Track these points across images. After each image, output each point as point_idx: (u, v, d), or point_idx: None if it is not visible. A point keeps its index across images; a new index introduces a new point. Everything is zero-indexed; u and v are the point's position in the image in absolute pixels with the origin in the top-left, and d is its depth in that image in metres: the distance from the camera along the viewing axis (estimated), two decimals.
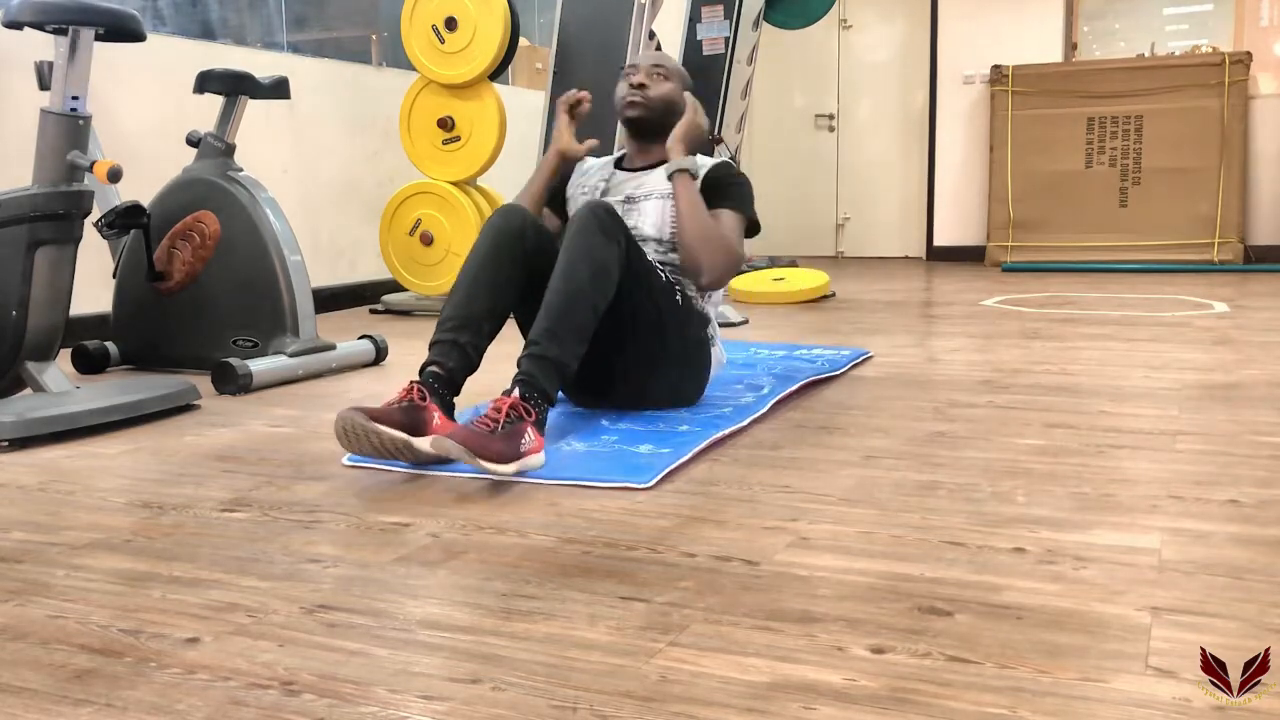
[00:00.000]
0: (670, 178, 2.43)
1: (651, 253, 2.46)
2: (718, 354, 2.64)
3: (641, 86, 2.51)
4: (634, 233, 2.44)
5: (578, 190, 2.64)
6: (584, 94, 2.62)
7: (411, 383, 2.09)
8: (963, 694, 1.09)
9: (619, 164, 2.66)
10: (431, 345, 2.18)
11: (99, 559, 1.56)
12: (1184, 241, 6.99)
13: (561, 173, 2.61)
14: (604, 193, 2.58)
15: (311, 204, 4.87)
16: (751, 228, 2.51)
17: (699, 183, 2.45)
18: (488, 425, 1.93)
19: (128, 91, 3.97)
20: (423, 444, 1.97)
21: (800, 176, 8.60)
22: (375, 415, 1.96)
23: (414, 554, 1.56)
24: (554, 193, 2.65)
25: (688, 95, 2.55)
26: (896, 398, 2.69)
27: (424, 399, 2.05)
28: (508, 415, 1.96)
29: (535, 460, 1.97)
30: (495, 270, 2.23)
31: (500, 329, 2.25)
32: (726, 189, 2.47)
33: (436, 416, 2.05)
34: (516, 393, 2.03)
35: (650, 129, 2.56)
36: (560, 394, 2.39)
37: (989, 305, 4.88)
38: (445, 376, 2.14)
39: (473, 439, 1.87)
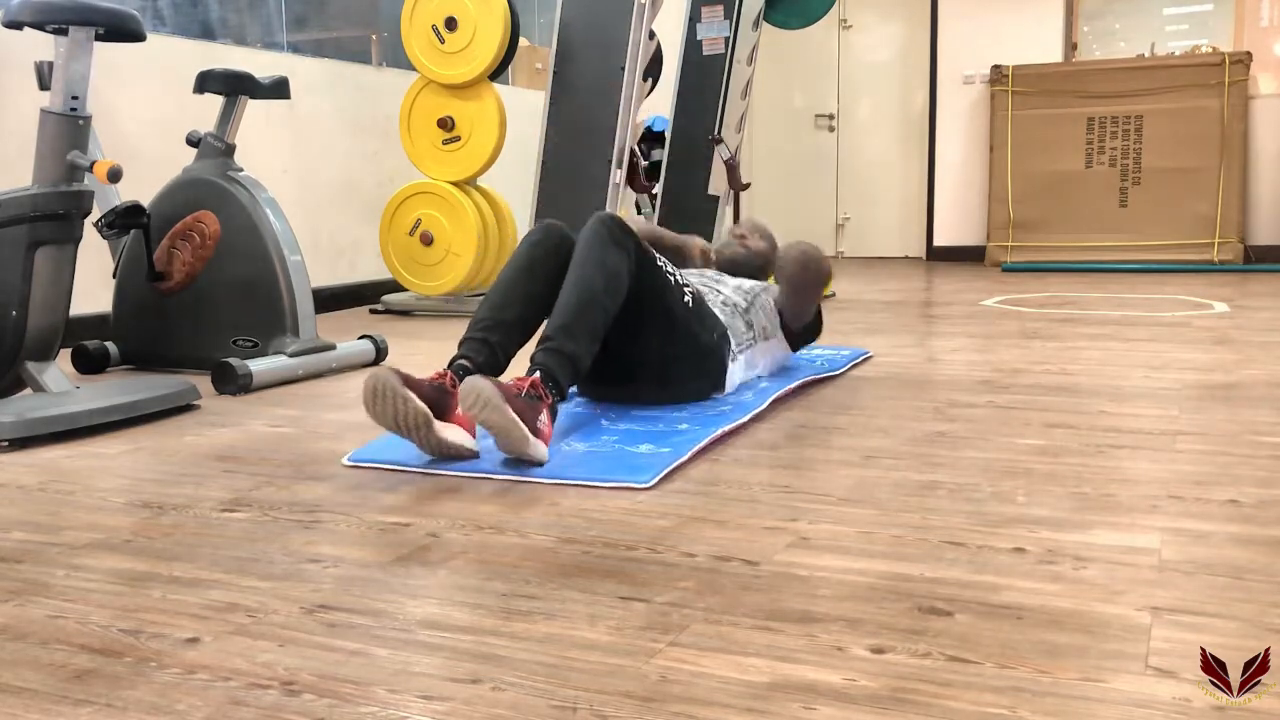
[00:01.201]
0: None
1: (719, 305, 2.64)
2: (734, 371, 2.63)
3: (742, 237, 3.04)
4: (713, 288, 2.72)
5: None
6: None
7: (445, 369, 2.14)
8: (963, 694, 1.09)
9: None
10: (462, 342, 2.24)
11: (99, 559, 1.56)
12: (1184, 241, 6.99)
13: (673, 247, 2.98)
14: (698, 270, 2.91)
15: (311, 204, 4.87)
16: (815, 327, 2.94)
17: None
18: (513, 390, 1.99)
19: (128, 91, 3.97)
20: (442, 429, 2.02)
21: (800, 176, 8.60)
22: (409, 382, 2.00)
23: (414, 554, 1.56)
24: (661, 249, 2.91)
25: (800, 250, 2.75)
26: (896, 398, 2.69)
27: (454, 385, 2.10)
28: (528, 391, 2.02)
29: (541, 450, 2.00)
30: (529, 282, 2.30)
31: (528, 340, 2.30)
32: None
33: (459, 408, 2.07)
34: (537, 375, 2.08)
35: (741, 271, 2.97)
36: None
37: (989, 305, 4.88)
38: (474, 370, 2.17)
39: (504, 387, 1.94)
